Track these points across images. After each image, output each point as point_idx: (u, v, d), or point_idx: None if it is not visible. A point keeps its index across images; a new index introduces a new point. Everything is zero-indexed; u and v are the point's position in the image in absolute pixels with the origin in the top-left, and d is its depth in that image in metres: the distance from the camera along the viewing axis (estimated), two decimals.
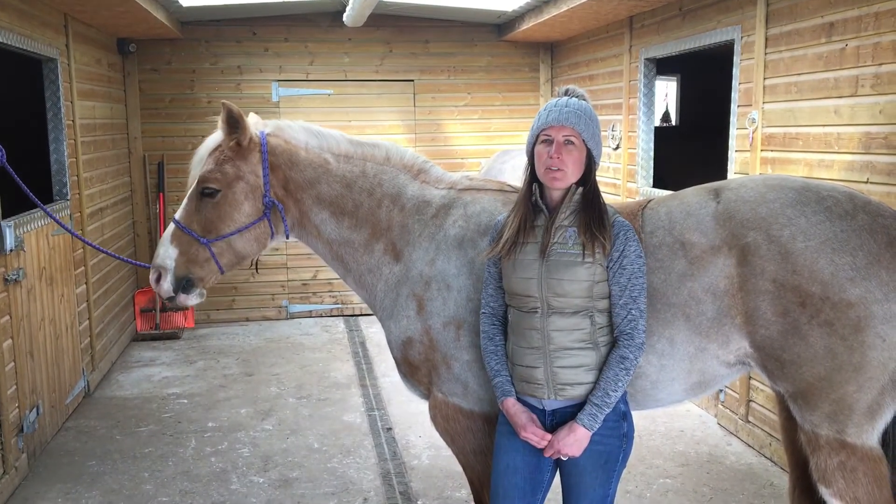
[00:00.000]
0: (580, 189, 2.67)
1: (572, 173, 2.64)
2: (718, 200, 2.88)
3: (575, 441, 2.61)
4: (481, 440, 3.13)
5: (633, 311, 2.60)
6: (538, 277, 2.63)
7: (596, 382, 2.62)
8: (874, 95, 4.16)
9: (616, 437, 2.67)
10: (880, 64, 4.11)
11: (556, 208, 2.68)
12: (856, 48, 4.28)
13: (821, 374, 2.70)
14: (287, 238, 3.37)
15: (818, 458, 2.80)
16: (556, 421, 2.70)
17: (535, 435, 2.67)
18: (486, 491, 3.19)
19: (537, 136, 2.67)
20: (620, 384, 2.59)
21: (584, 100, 2.71)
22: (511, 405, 2.74)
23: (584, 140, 2.63)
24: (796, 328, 2.70)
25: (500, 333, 2.83)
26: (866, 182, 4.21)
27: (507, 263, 2.71)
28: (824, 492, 2.83)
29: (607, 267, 2.61)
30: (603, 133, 7.63)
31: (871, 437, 2.76)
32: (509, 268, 2.71)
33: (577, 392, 2.64)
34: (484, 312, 2.86)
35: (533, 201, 2.72)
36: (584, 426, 2.60)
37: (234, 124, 3.17)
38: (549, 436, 2.67)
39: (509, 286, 2.73)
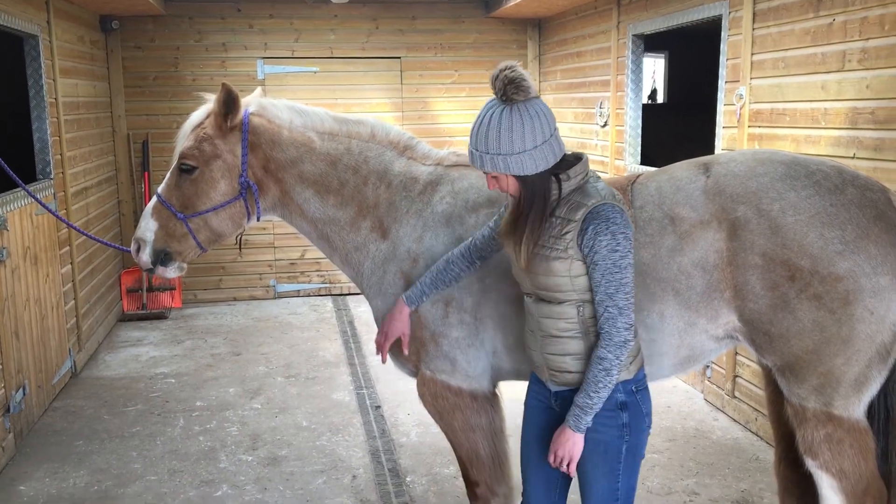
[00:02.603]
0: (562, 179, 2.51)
1: (515, 191, 2.52)
2: (708, 175, 2.87)
3: (566, 442, 2.53)
4: (469, 416, 3.13)
5: (609, 309, 2.45)
6: (522, 269, 2.59)
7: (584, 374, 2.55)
8: (861, 70, 4.16)
9: (614, 428, 2.56)
10: (867, 39, 4.11)
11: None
12: (843, 23, 4.27)
13: (809, 348, 2.71)
14: (258, 219, 3.33)
15: (805, 430, 2.82)
16: (559, 402, 2.65)
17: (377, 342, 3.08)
18: (473, 467, 3.20)
19: None
20: (601, 385, 2.46)
21: (517, 94, 2.42)
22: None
23: (504, 174, 2.47)
24: (785, 302, 2.70)
25: (462, 255, 2.92)
26: (853, 157, 4.21)
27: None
28: (810, 464, 2.85)
29: (584, 261, 2.48)
30: (591, 110, 7.64)
31: (857, 410, 2.78)
32: (510, 256, 2.69)
33: (567, 378, 2.59)
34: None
35: None
36: (570, 428, 2.52)
37: (230, 106, 3.13)
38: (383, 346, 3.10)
39: (513, 272, 2.72)
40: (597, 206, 2.45)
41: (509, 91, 2.41)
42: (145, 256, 3.26)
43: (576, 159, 2.54)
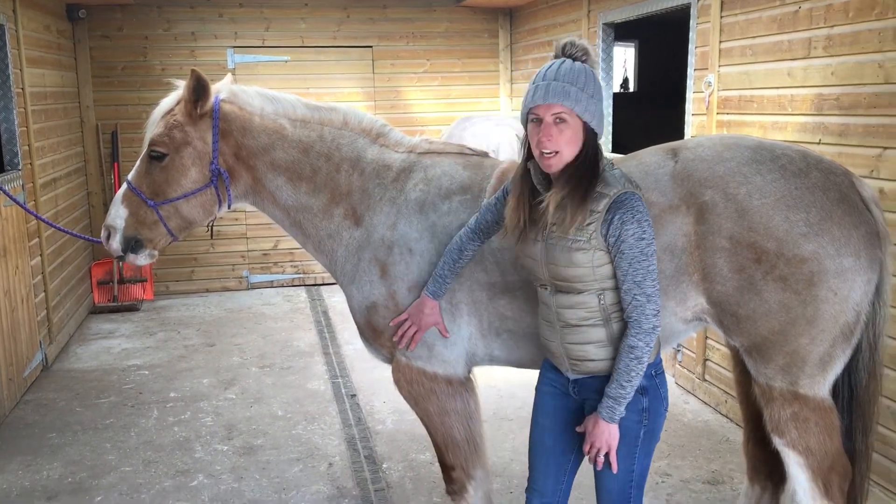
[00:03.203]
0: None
1: (568, 153, 2.42)
2: (676, 160, 2.92)
3: (601, 433, 2.52)
4: (444, 402, 3.16)
5: (637, 297, 2.42)
6: (540, 260, 2.55)
7: (610, 359, 2.53)
8: (826, 57, 4.23)
9: (635, 412, 2.55)
10: (832, 26, 4.18)
11: (557, 182, 2.49)
12: (809, 10, 4.34)
13: (775, 328, 2.77)
14: (230, 207, 3.33)
15: (772, 409, 2.88)
16: (577, 389, 2.64)
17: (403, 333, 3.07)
18: (449, 451, 3.24)
19: (528, 114, 2.47)
20: (633, 373, 2.45)
21: (584, 57, 2.46)
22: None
23: (577, 114, 2.40)
24: (752, 284, 2.76)
25: (472, 239, 2.90)
26: (818, 143, 4.29)
27: (516, 243, 2.66)
28: (778, 442, 2.92)
29: (608, 250, 2.44)
30: None
31: (822, 389, 2.85)
32: (519, 244, 2.63)
33: (590, 367, 2.57)
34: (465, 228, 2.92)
35: (531, 182, 2.57)
36: (604, 419, 2.50)
37: (200, 92, 3.12)
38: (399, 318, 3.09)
39: (521, 262, 2.68)
40: (619, 195, 2.42)
41: (588, 55, 2.47)
42: (115, 244, 3.25)
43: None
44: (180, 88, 3.23)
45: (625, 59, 12.61)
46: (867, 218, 2.79)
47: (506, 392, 5.59)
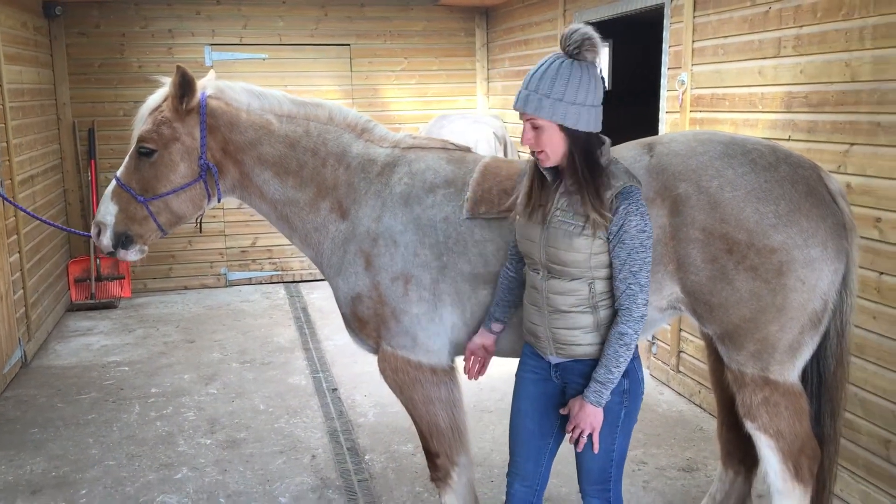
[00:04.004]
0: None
1: (552, 152, 2.56)
2: (651, 154, 3.02)
3: (586, 416, 2.62)
4: (429, 389, 3.25)
5: (632, 287, 2.54)
6: (539, 242, 2.65)
7: (595, 344, 2.64)
8: (795, 56, 4.37)
9: (616, 394, 2.66)
10: (801, 26, 4.31)
11: (563, 173, 2.63)
12: (778, 11, 4.47)
13: (746, 316, 2.89)
14: (219, 200, 3.39)
15: (744, 394, 3.00)
16: (559, 373, 2.75)
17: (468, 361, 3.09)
18: (434, 438, 3.32)
19: None
20: (621, 359, 2.57)
21: (579, 54, 2.52)
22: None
23: (550, 120, 2.51)
24: (724, 273, 2.87)
25: (511, 272, 2.97)
26: (788, 139, 4.42)
27: (519, 221, 2.76)
28: (749, 426, 3.03)
29: (607, 239, 2.55)
30: None
31: (792, 374, 2.97)
32: (519, 226, 2.75)
33: (576, 351, 2.67)
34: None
35: (538, 168, 2.68)
36: (591, 403, 2.60)
37: (186, 88, 3.17)
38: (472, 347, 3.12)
39: (518, 244, 2.78)
40: (625, 187, 2.54)
41: (584, 47, 2.51)
42: (106, 240, 3.30)
43: (601, 142, 2.63)
44: (167, 85, 3.28)
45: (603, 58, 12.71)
46: (834, 210, 2.91)
47: (486, 385, 5.67)
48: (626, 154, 3.07)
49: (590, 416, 2.62)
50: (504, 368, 3.00)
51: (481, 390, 5.62)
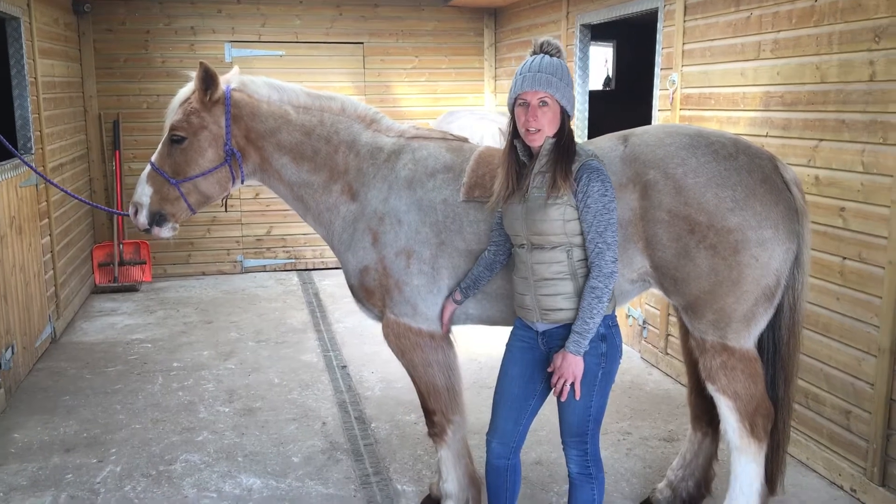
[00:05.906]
0: (553, 140, 2.98)
1: (548, 130, 2.95)
2: (626, 145, 3.39)
3: (568, 365, 2.98)
4: (428, 353, 3.63)
5: (599, 245, 2.90)
6: (521, 218, 3.04)
7: (576, 309, 3.00)
8: (773, 59, 4.72)
9: (594, 356, 3.02)
10: (779, 31, 4.67)
11: (537, 157, 3.02)
12: (759, 16, 4.83)
13: (706, 289, 3.25)
14: (242, 182, 3.79)
15: (704, 359, 3.37)
16: (545, 339, 3.11)
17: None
18: (431, 397, 3.70)
19: (515, 99, 2.99)
20: (595, 311, 2.91)
21: (558, 54, 3.01)
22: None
23: (557, 99, 2.93)
24: (686, 251, 3.23)
25: (490, 256, 3.37)
26: (766, 136, 4.78)
27: (504, 208, 3.15)
28: (710, 388, 3.40)
29: (576, 207, 2.92)
30: None
31: (747, 341, 3.33)
32: (505, 211, 3.15)
33: (559, 316, 3.04)
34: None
35: (517, 155, 3.08)
36: (570, 352, 2.94)
37: (209, 82, 3.57)
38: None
39: (506, 226, 3.17)
40: (587, 160, 2.96)
41: (553, 53, 3.01)
42: (142, 218, 3.71)
43: None
44: (194, 79, 3.68)
45: (606, 59, 13.08)
46: (787, 196, 3.27)
47: (486, 364, 6.06)
48: (604, 145, 3.44)
49: (571, 364, 2.98)
50: (502, 350, 3.38)
51: (481, 369, 6.00)
